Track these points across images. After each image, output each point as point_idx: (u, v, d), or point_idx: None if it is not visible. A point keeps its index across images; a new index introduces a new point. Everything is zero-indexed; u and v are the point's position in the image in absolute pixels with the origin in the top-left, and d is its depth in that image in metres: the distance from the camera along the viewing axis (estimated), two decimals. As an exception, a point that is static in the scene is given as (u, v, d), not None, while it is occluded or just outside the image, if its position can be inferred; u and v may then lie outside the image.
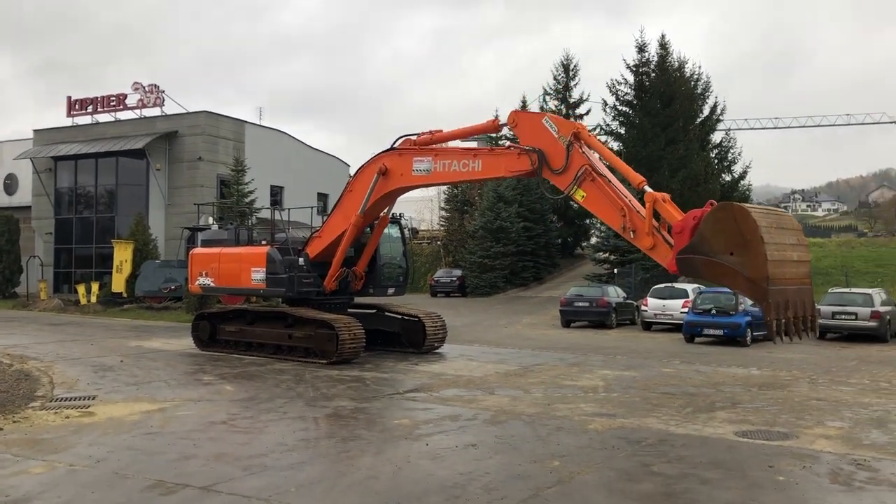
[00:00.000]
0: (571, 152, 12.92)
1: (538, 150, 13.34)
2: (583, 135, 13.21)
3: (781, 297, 10.15)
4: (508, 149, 14.18)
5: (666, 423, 10.27)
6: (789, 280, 10.31)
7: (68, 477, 7.32)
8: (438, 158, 15.18)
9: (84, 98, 41.25)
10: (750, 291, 10.34)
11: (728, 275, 10.36)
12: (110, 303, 32.51)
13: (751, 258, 10.00)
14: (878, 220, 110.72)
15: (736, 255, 10.16)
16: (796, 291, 10.50)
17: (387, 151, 16.15)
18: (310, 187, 44.16)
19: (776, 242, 10.12)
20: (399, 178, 15.85)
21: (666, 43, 40.81)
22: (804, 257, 10.90)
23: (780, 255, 10.09)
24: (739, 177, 43.50)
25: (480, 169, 14.73)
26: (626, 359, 17.82)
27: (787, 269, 10.29)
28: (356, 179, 16.69)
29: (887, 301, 23.70)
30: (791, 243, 10.55)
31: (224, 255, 18.38)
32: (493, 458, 8.24)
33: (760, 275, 9.92)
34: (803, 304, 10.63)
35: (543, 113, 14.26)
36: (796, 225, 11.29)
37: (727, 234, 10.22)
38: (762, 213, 10.46)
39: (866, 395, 12.79)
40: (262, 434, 9.40)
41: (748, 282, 10.10)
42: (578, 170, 12.77)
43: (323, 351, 16.08)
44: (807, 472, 7.68)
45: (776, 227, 10.37)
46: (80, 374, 14.43)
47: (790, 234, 10.75)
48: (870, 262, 38.95)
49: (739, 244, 10.11)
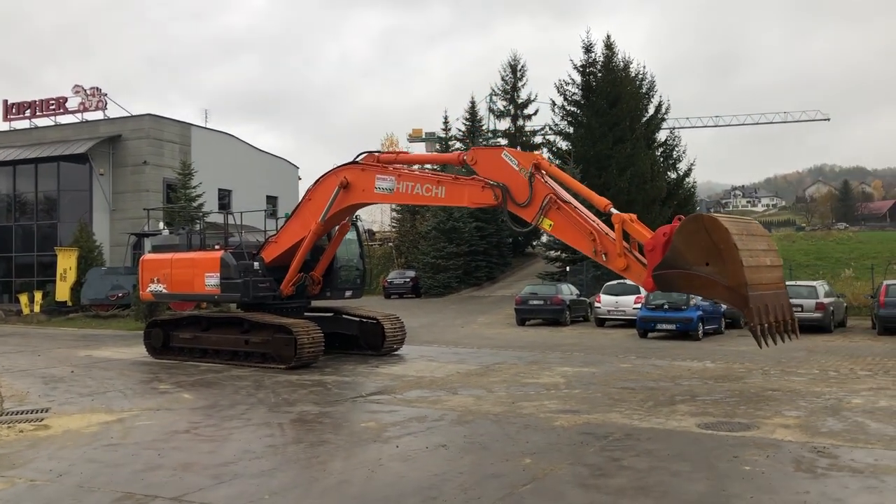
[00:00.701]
0: (534, 183, 13.06)
1: (502, 185, 13.42)
2: (543, 165, 13.39)
3: (761, 302, 10.39)
4: (474, 179, 14.20)
5: (629, 417, 10.42)
6: (766, 285, 10.57)
7: (30, 493, 7.08)
8: (402, 180, 15.15)
9: (22, 102, 40.04)
10: (730, 299, 10.56)
11: (706, 286, 10.57)
12: (55, 312, 31.57)
13: (727, 266, 10.21)
14: (814, 215, 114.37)
15: (712, 265, 10.36)
16: (774, 296, 10.77)
17: (349, 165, 16.06)
18: (259, 190, 43.57)
19: (749, 249, 10.36)
20: (361, 194, 15.80)
21: (611, 44, 41.50)
22: (776, 262, 11.19)
23: (754, 261, 10.34)
24: (684, 174, 44.46)
25: (444, 196, 14.77)
26: (583, 355, 18.03)
27: (763, 274, 10.55)
28: (316, 189, 16.54)
29: (830, 292, 24.49)
30: (763, 249, 10.83)
31: (176, 260, 18.02)
32: (464, 458, 8.25)
33: (739, 282, 10.14)
34: (782, 308, 10.90)
35: (502, 147, 14.40)
36: (764, 231, 11.60)
37: (700, 246, 10.42)
38: (731, 222, 10.70)
39: (817, 384, 13.17)
40: (228, 442, 9.24)
41: (727, 290, 10.30)
42: (543, 199, 12.91)
43: (281, 356, 15.88)
44: (771, 461, 7.87)
45: (747, 234, 10.63)
46: (30, 386, 13.98)
47: (760, 240, 11.04)
48: (810, 255, 40.17)
49: (714, 254, 10.31)
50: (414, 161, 16.32)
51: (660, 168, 41.95)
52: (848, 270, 34.52)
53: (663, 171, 42.44)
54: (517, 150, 14.15)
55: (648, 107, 43.57)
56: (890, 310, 21.97)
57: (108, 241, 36.90)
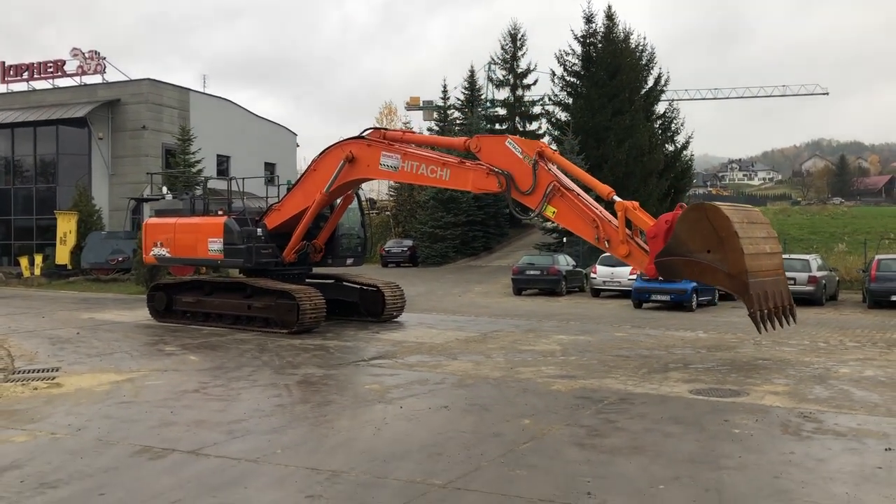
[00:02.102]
0: (538, 171, 13.28)
1: (506, 173, 13.62)
2: (546, 153, 13.60)
3: (761, 289, 10.74)
4: (478, 164, 14.38)
5: (624, 383, 10.78)
6: (766, 272, 10.90)
7: (52, 445, 7.40)
8: (407, 159, 15.33)
9: (20, 64, 39.88)
10: (730, 286, 10.88)
11: (707, 272, 10.88)
12: (55, 275, 31.84)
13: (728, 254, 10.52)
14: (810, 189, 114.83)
15: (713, 252, 10.67)
16: (773, 282, 11.12)
17: (355, 139, 16.25)
18: (257, 157, 43.67)
19: (750, 237, 10.67)
20: (365, 169, 16.01)
21: (612, 14, 41.34)
22: (776, 249, 11.50)
23: (754, 248, 10.65)
24: (682, 147, 44.59)
25: (448, 179, 14.96)
26: (578, 324, 18.39)
27: (763, 261, 10.86)
28: (321, 160, 16.74)
29: (823, 266, 24.87)
30: (762, 236, 11.14)
31: (180, 225, 18.25)
32: (466, 419, 8.60)
33: (739, 269, 10.46)
34: (781, 294, 11.24)
35: (506, 136, 14.53)
36: (764, 219, 11.88)
37: (702, 234, 10.72)
38: (732, 210, 10.99)
39: (807, 354, 13.56)
40: (237, 401, 9.57)
41: (728, 277, 10.63)
42: (547, 187, 13.15)
43: (283, 321, 16.18)
44: (760, 425, 8.24)
45: (747, 222, 10.93)
46: (38, 346, 14.29)
47: (760, 227, 11.34)
48: (804, 230, 40.53)
49: (715, 242, 10.61)
50: (420, 142, 16.52)
51: (658, 140, 42.05)
52: (841, 245, 34.91)
53: (661, 144, 42.56)
54: (520, 137, 14.34)
55: (648, 79, 43.54)
56: (881, 284, 22.37)
57: (106, 205, 37.04)
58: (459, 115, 51.44)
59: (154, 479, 6.36)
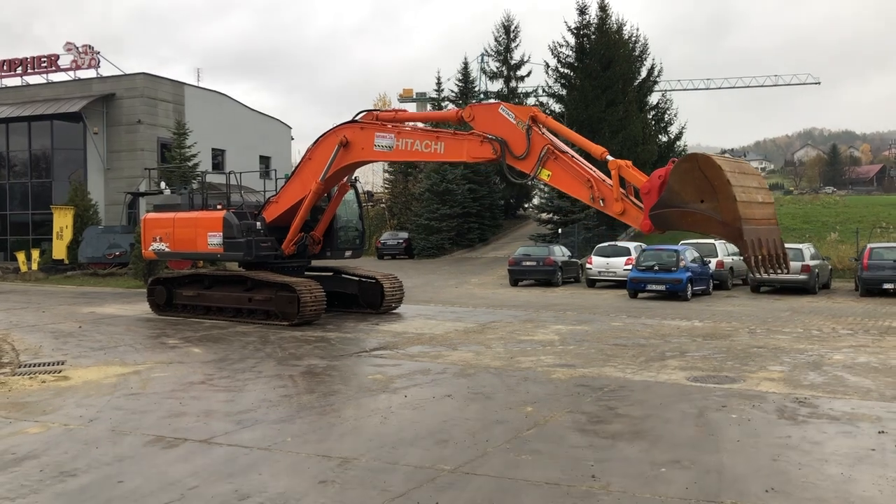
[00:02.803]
0: (532, 135, 13.41)
1: (500, 139, 13.78)
2: (539, 118, 13.71)
3: (755, 235, 10.78)
4: (472, 134, 14.54)
5: (623, 371, 10.99)
6: (759, 220, 10.97)
7: (67, 435, 7.57)
8: (401, 136, 15.45)
9: (13, 59, 39.80)
10: (725, 234, 10.94)
11: (701, 222, 10.94)
12: (52, 270, 31.89)
13: (721, 202, 10.60)
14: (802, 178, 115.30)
15: (707, 201, 10.74)
16: (767, 230, 11.18)
17: (348, 123, 16.35)
18: (252, 150, 43.69)
19: (742, 186, 10.76)
20: (360, 152, 16.10)
21: (605, 5, 41.46)
22: (768, 199, 11.58)
23: (747, 196, 10.73)
24: (676, 137, 44.82)
25: (443, 151, 15.06)
26: (575, 314, 18.60)
27: (756, 210, 10.96)
28: (316, 148, 16.84)
29: (816, 255, 25.14)
30: (755, 186, 11.22)
31: (179, 219, 18.36)
32: (470, 407, 8.79)
33: (733, 217, 10.53)
34: (774, 243, 11.34)
35: (499, 102, 14.67)
36: (755, 170, 11.99)
37: (695, 184, 10.81)
38: (724, 160, 11.08)
39: (801, 342, 13.80)
40: (244, 392, 9.74)
41: (722, 225, 10.70)
42: (541, 150, 13.28)
43: (284, 313, 16.34)
44: (756, 410, 8.46)
45: (739, 171, 11.04)
46: (41, 340, 14.42)
47: (752, 178, 11.43)
48: (797, 219, 40.83)
49: (708, 191, 10.71)
50: (412, 119, 16.59)
51: (651, 131, 42.28)
52: (833, 234, 35.23)
53: (655, 135, 42.80)
54: (513, 104, 14.49)
55: (641, 70, 43.73)
56: (873, 272, 22.66)
57: (102, 199, 37.03)
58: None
59: (169, 467, 6.53)
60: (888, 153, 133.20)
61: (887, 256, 22.86)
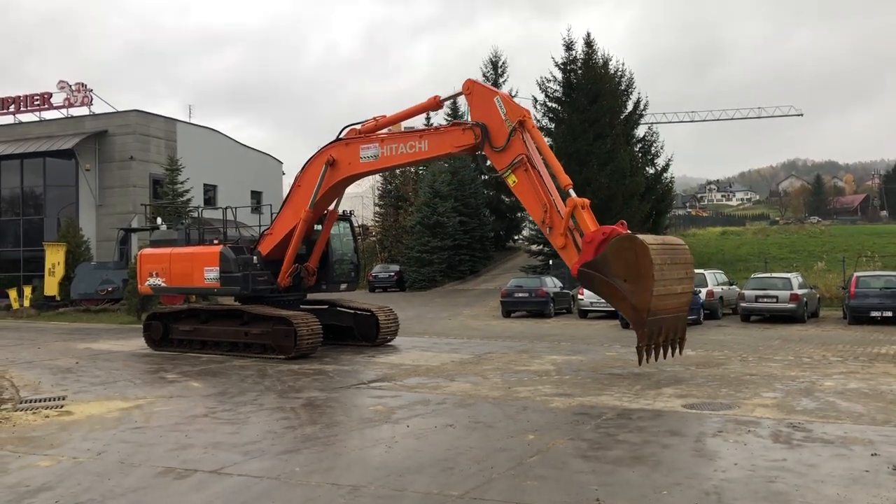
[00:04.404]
0: (513, 137, 13.79)
1: (482, 124, 14.12)
2: (528, 124, 14.03)
3: (657, 325, 11.76)
4: (453, 125, 14.89)
5: (620, 399, 11.18)
6: (668, 310, 12.03)
7: (77, 468, 7.67)
8: (385, 143, 15.78)
9: (6, 97, 40.04)
10: (632, 318, 11.87)
11: (617, 298, 11.87)
12: (44, 306, 31.86)
13: (639, 290, 11.44)
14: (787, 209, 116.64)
15: (629, 283, 11.65)
16: (672, 319, 12.23)
17: (332, 143, 16.64)
18: (243, 186, 43.95)
19: (665, 279, 11.69)
20: (347, 167, 16.36)
21: (591, 41, 42.20)
22: (688, 289, 12.66)
23: (665, 290, 11.71)
24: (662, 169, 45.38)
25: (427, 148, 15.37)
26: (569, 345, 18.79)
27: (669, 301, 11.89)
28: (304, 174, 17.12)
29: (804, 284, 25.50)
30: (679, 277, 12.09)
31: (175, 255, 18.51)
32: (472, 436, 8.95)
33: (643, 307, 11.43)
34: (675, 329, 12.31)
35: (498, 91, 14.91)
36: (689, 259, 12.76)
37: (626, 263, 11.65)
38: (660, 250, 11.73)
39: (792, 369, 14.03)
40: (247, 424, 9.85)
41: (633, 309, 11.63)
42: (515, 157, 13.72)
43: (281, 346, 16.45)
44: (752, 435, 8.66)
45: (670, 262, 11.84)
46: (40, 376, 14.48)
47: (681, 268, 12.24)
48: (784, 249, 41.38)
49: (633, 274, 11.57)
50: (392, 122, 16.58)
51: (639, 163, 42.82)
52: (820, 263, 35.67)
53: (642, 167, 43.33)
54: (511, 98, 14.77)
55: (627, 103, 44.40)
56: (860, 300, 23.00)
57: (94, 236, 37.12)
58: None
59: (183, 497, 6.65)
60: (871, 183, 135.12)
61: (874, 285, 23.24)
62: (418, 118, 16.15)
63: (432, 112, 17.08)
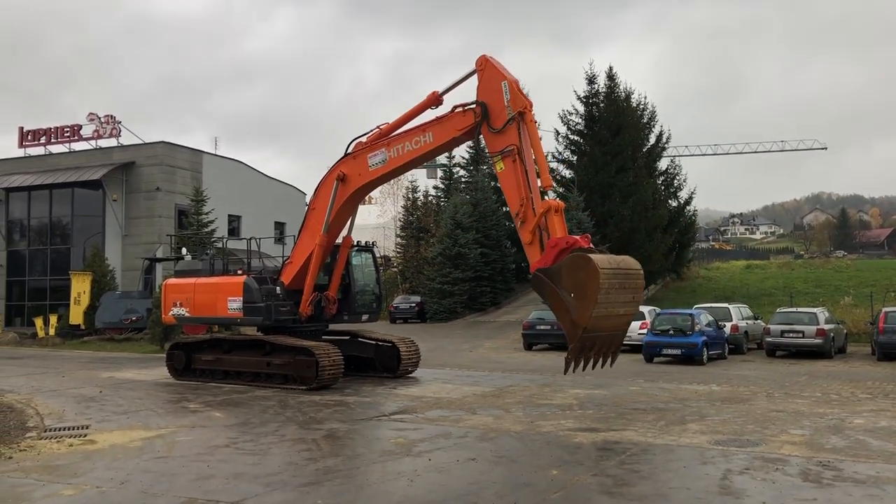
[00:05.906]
0: (510, 126, 13.92)
1: (482, 103, 14.27)
2: (527, 117, 14.11)
3: (590, 342, 11.97)
4: (452, 112, 14.99)
5: (644, 434, 11.03)
6: (605, 328, 12.04)
7: (101, 497, 7.68)
8: (391, 146, 15.93)
9: (37, 129, 40.92)
10: (568, 330, 11.99)
11: (560, 309, 12.02)
12: (69, 335, 32.15)
13: (581, 308, 11.59)
14: (812, 242, 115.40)
15: (574, 298, 11.75)
16: (608, 336, 12.31)
17: (341, 159, 16.81)
18: (267, 216, 44.37)
19: (609, 302, 11.75)
20: (357, 178, 16.50)
21: (613, 75, 42.44)
22: (630, 311, 12.65)
23: (605, 311, 11.74)
24: (685, 202, 45.25)
25: (433, 139, 15.46)
26: (592, 378, 18.56)
27: (607, 321, 11.98)
28: (317, 196, 17.27)
29: (830, 319, 25.13)
30: (623, 301, 12.28)
31: (200, 285, 18.65)
32: (495, 470, 8.86)
33: (581, 324, 11.59)
34: (610, 343, 12.52)
35: (508, 76, 14.67)
36: (639, 285, 13.09)
37: (576, 279, 11.77)
38: (610, 275, 11.85)
39: (820, 406, 13.79)
40: (269, 455, 9.83)
41: (571, 323, 11.77)
42: (507, 146, 13.82)
43: (302, 377, 16.45)
44: (780, 474, 8.49)
45: (618, 287, 12.09)
46: (64, 405, 14.56)
47: (628, 293, 12.50)
48: (809, 283, 40.87)
49: (580, 293, 11.68)
50: (396, 126, 16.43)
51: (661, 196, 42.73)
52: (847, 298, 35.17)
53: (665, 200, 43.23)
54: (519, 87, 14.76)
55: (649, 136, 44.45)
56: (889, 336, 22.61)
57: (119, 265, 37.56)
58: (465, 172, 52.32)
59: (205, 529, 6.63)
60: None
61: (903, 320, 22.83)
62: (416, 119, 16.15)
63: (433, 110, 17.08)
